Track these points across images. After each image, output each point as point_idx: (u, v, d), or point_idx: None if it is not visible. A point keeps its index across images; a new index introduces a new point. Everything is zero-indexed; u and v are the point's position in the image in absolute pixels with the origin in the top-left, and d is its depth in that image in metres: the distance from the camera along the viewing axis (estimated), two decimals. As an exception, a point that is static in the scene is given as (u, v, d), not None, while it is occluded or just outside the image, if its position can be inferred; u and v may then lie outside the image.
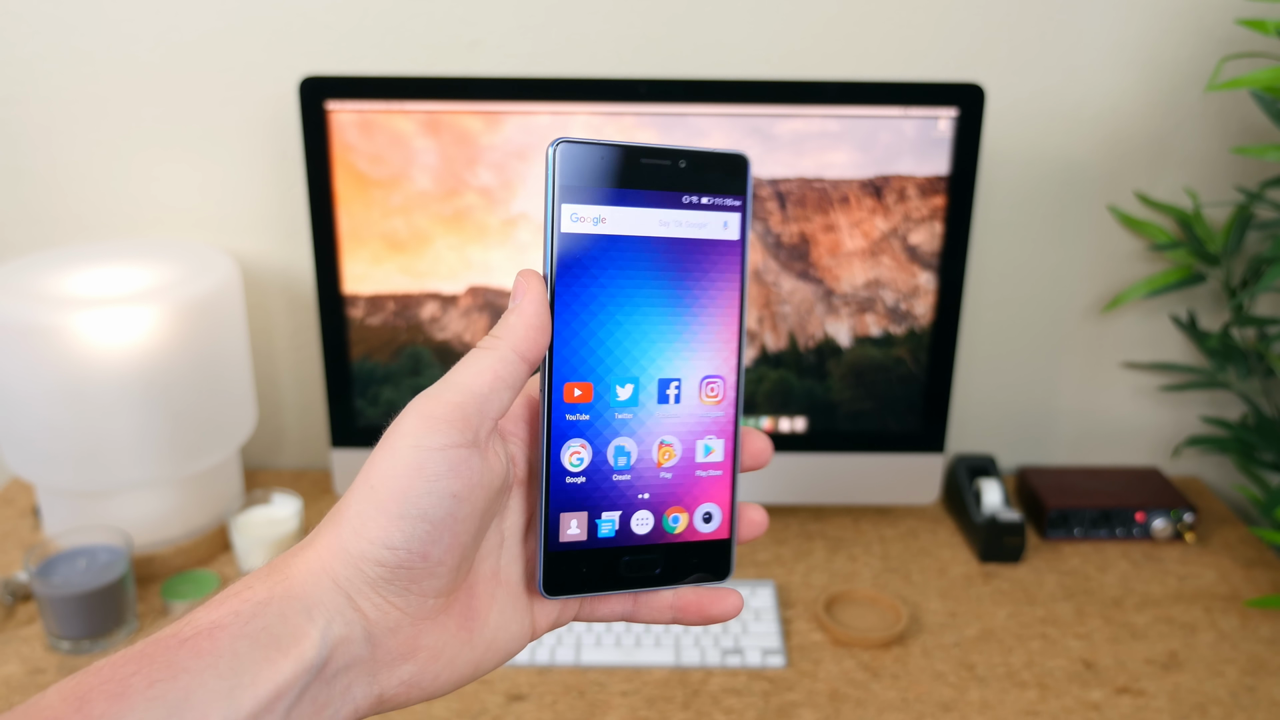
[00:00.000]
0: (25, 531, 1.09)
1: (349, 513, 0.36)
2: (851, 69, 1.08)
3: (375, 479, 0.36)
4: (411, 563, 0.36)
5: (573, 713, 0.85)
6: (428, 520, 0.35)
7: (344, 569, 0.36)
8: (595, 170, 0.39)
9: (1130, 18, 1.06)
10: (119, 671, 0.33)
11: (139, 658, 0.33)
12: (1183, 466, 1.25)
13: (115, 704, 0.32)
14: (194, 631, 0.34)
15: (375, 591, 0.36)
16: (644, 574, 0.42)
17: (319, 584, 0.36)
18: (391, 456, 0.36)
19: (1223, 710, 0.86)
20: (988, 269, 1.16)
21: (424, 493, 0.35)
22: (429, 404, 0.37)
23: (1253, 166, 1.12)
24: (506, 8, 1.05)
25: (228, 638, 0.34)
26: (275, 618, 0.35)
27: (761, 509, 0.45)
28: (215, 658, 0.33)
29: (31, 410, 0.95)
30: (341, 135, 0.93)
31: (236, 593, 0.36)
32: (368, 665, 0.36)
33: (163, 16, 1.05)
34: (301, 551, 0.37)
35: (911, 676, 0.90)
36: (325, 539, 0.37)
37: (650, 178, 0.40)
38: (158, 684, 0.32)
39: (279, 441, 1.24)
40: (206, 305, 0.99)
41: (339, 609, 0.36)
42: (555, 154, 0.39)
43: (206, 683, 0.33)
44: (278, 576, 0.36)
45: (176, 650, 0.33)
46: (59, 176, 1.12)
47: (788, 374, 1.01)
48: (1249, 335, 1.15)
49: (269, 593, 0.35)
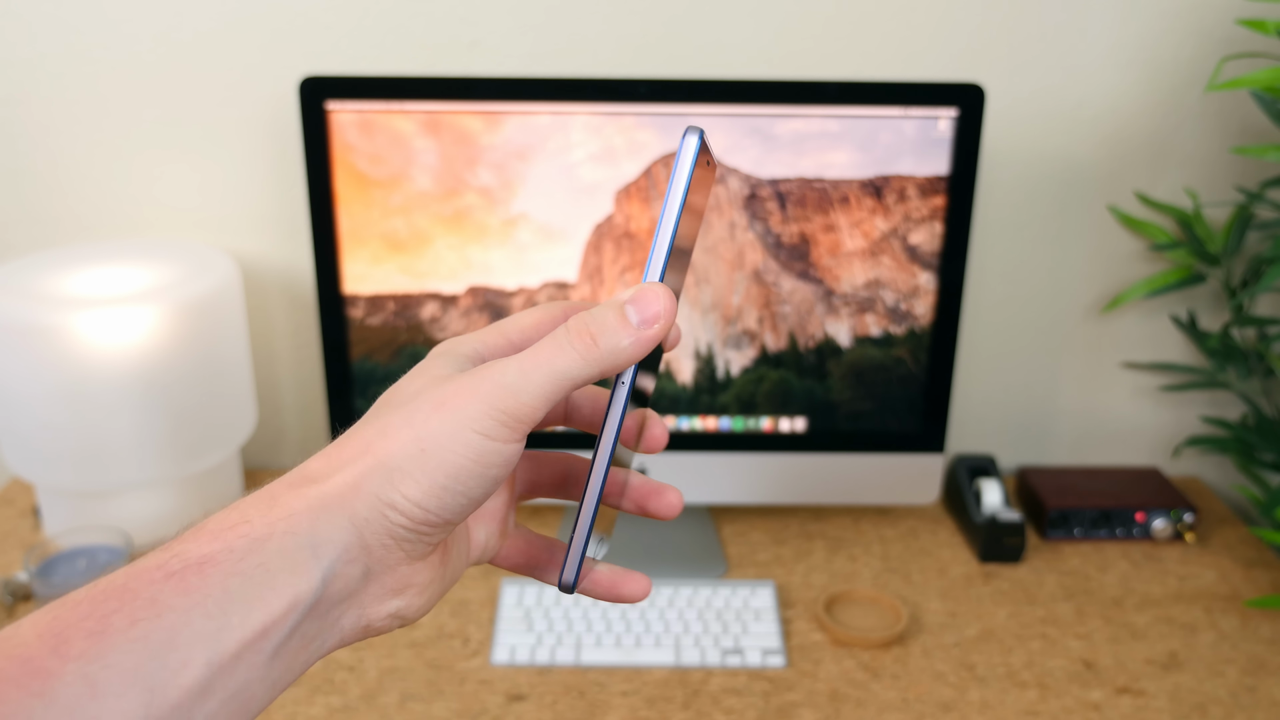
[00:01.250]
0: (25, 531, 1.09)
1: (390, 462, 0.36)
2: (851, 69, 1.08)
3: (429, 444, 0.36)
4: (435, 523, 0.36)
5: (573, 713, 0.85)
6: (468, 497, 0.36)
7: (367, 510, 0.35)
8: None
9: (1130, 18, 1.06)
10: (99, 607, 0.31)
11: (121, 592, 0.32)
12: (1183, 466, 1.25)
13: (94, 643, 0.30)
14: (182, 565, 0.32)
15: (389, 535, 0.36)
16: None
17: (333, 521, 0.35)
18: (453, 434, 0.36)
19: (1223, 710, 0.86)
20: (988, 269, 1.16)
21: (475, 476, 0.36)
22: (505, 398, 0.36)
23: (1253, 166, 1.12)
24: (506, 8, 1.05)
25: (219, 574, 0.32)
26: (274, 554, 0.33)
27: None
28: (204, 595, 0.32)
29: (31, 410, 0.95)
30: (341, 135, 0.93)
31: (231, 525, 0.34)
32: (359, 598, 0.37)
33: (163, 16, 1.05)
34: (307, 485, 0.36)
35: (911, 676, 0.90)
36: (350, 477, 0.36)
37: None
38: (140, 622, 0.31)
39: (279, 441, 1.24)
40: (206, 305, 0.99)
41: (347, 546, 0.35)
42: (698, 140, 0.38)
43: (193, 622, 0.31)
44: (280, 510, 0.35)
45: (161, 585, 0.32)
46: (59, 176, 1.12)
47: (788, 374, 1.01)
48: (1249, 335, 1.15)
49: (268, 528, 0.34)
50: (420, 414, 0.36)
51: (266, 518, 0.34)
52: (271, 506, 0.35)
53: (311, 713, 0.85)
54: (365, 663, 0.90)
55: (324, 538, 0.35)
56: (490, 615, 0.96)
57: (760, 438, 1.03)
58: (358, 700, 0.86)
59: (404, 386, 0.39)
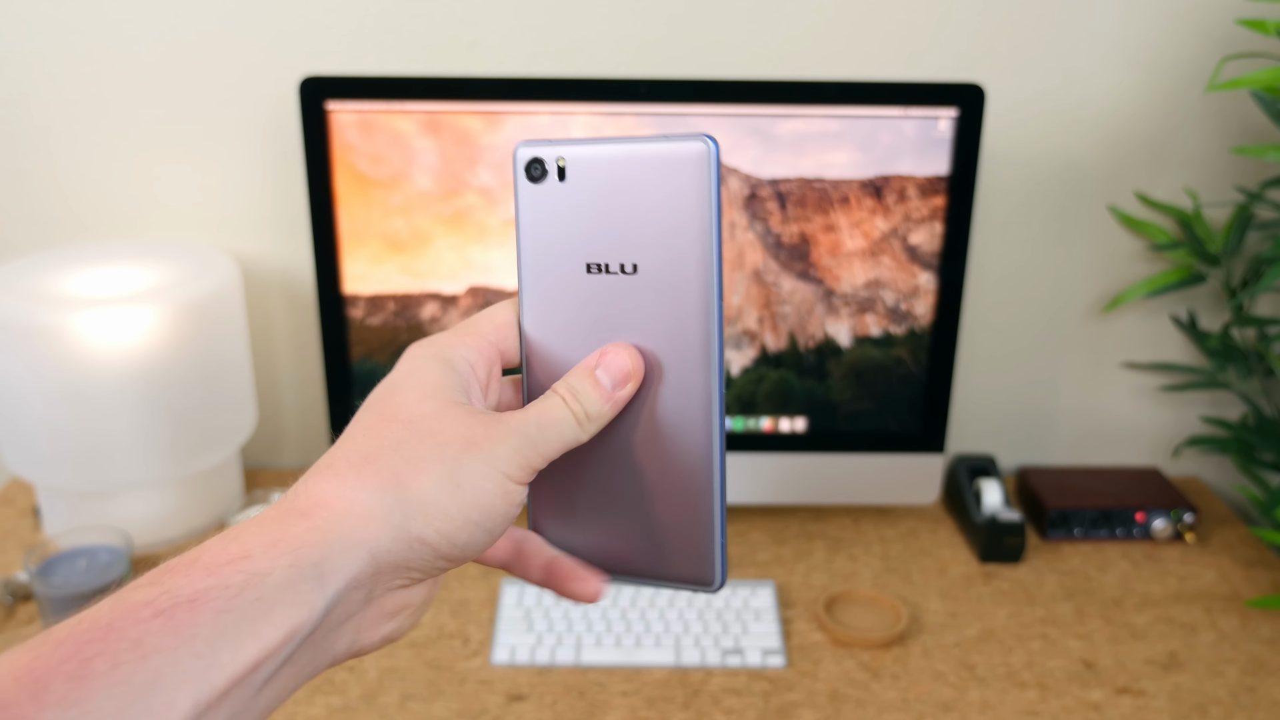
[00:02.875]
0: (25, 531, 1.09)
1: (424, 497, 0.36)
2: (852, 69, 1.08)
3: (464, 481, 0.36)
4: (458, 558, 0.37)
5: (573, 713, 0.85)
6: (491, 535, 0.38)
7: (392, 544, 0.35)
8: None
9: (1130, 18, 1.06)
10: (81, 649, 0.30)
11: (105, 632, 0.30)
12: (1183, 467, 1.25)
13: (74, 688, 0.29)
14: (171, 603, 0.31)
15: (407, 566, 0.36)
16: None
17: (348, 552, 0.34)
18: (485, 473, 0.37)
19: (1223, 710, 0.86)
20: (988, 269, 1.16)
21: (501, 515, 0.37)
22: (527, 449, 0.38)
23: (1253, 166, 1.12)
24: (506, 8, 1.05)
25: (211, 611, 0.31)
26: (273, 588, 0.32)
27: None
28: (194, 634, 0.31)
29: (31, 410, 0.95)
30: (342, 135, 0.93)
31: (229, 560, 0.33)
32: (356, 622, 0.37)
33: (163, 16, 1.05)
34: (317, 511, 0.35)
35: (911, 677, 0.90)
36: (375, 507, 0.35)
37: None
38: (123, 666, 0.29)
39: (279, 441, 1.24)
40: (206, 305, 0.99)
41: (357, 575, 0.34)
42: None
43: (180, 662, 0.30)
44: (285, 544, 0.34)
45: (148, 624, 0.30)
46: (59, 176, 1.12)
47: (788, 374, 1.01)
48: (1249, 335, 1.15)
49: (270, 564, 0.33)
50: (452, 450, 0.37)
51: (269, 551, 0.33)
52: (277, 538, 0.34)
53: (311, 713, 0.85)
54: (365, 663, 0.90)
55: (333, 568, 0.34)
56: (490, 615, 0.96)
57: (760, 438, 1.03)
58: (358, 700, 0.86)
59: (408, 399, 0.38)
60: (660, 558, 0.41)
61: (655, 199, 0.38)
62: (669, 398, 0.40)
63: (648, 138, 0.38)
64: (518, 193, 0.39)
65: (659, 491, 0.41)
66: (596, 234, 0.39)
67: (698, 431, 0.40)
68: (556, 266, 0.40)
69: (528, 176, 0.39)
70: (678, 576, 0.41)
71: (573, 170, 0.39)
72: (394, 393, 0.39)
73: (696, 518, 0.40)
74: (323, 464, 0.37)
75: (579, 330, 0.40)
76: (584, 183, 0.39)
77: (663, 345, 0.39)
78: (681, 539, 0.41)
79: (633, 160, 0.38)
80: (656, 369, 0.40)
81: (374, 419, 0.38)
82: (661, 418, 0.40)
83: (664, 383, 0.40)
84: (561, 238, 0.39)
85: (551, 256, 0.40)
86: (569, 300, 0.40)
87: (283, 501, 0.36)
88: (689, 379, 0.39)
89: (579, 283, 0.39)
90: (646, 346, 0.40)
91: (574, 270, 0.39)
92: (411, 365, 0.39)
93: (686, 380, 0.39)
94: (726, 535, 0.40)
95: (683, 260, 0.38)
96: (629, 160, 0.38)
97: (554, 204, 0.39)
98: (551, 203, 0.39)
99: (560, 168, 0.39)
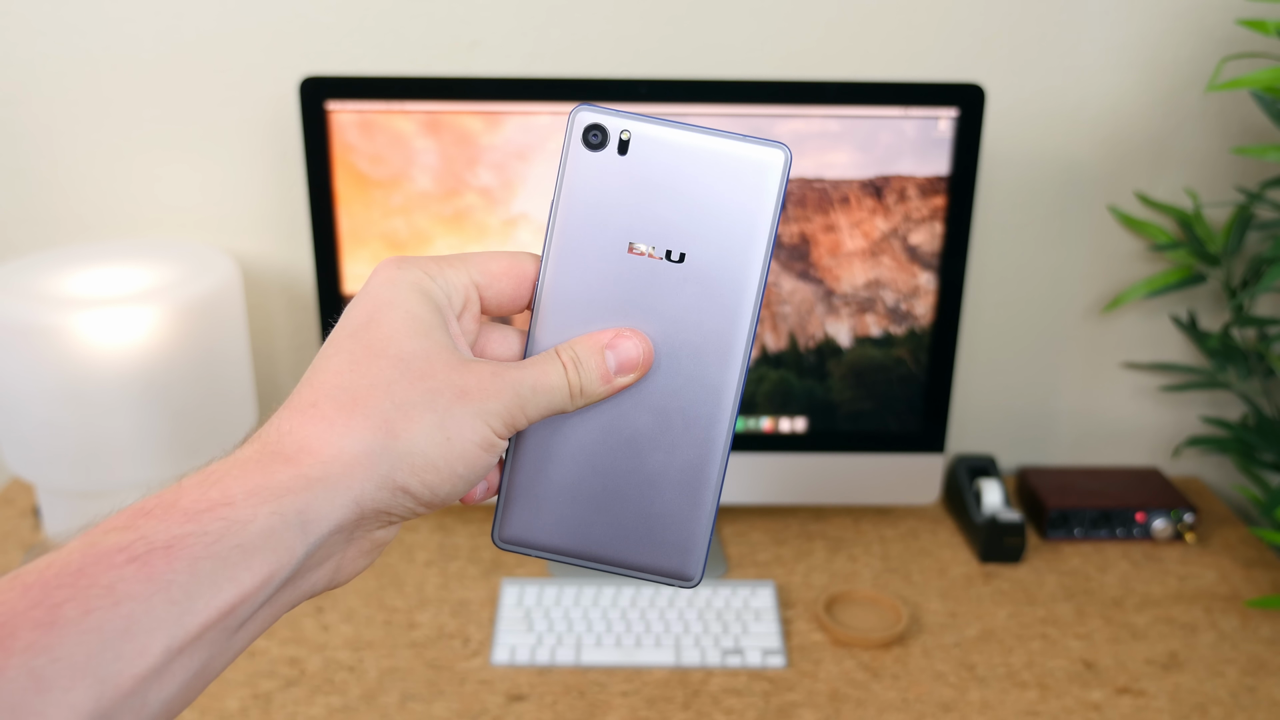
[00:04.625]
0: (25, 531, 1.09)
1: (413, 447, 0.35)
2: (852, 69, 1.08)
3: (454, 434, 0.36)
4: (438, 506, 0.37)
5: (573, 713, 0.85)
6: (470, 485, 0.38)
7: (377, 491, 0.35)
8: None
9: (1130, 18, 1.06)
10: (50, 595, 0.29)
11: (75, 577, 0.29)
12: (1183, 467, 1.25)
13: (42, 634, 0.28)
14: (147, 549, 0.30)
15: (389, 512, 0.36)
16: None
17: (333, 499, 0.34)
18: (474, 428, 0.37)
19: (1223, 710, 0.86)
20: (988, 269, 1.16)
21: (482, 467, 0.38)
22: (515, 408, 0.38)
23: (1253, 166, 1.12)
24: (506, 8, 1.05)
25: (188, 559, 0.30)
26: (255, 534, 0.32)
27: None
28: (169, 580, 0.30)
29: (31, 410, 0.95)
30: (342, 135, 0.93)
31: (209, 506, 0.32)
32: (336, 560, 0.37)
33: (163, 17, 1.05)
34: (302, 456, 0.34)
35: (912, 677, 0.90)
36: (362, 452, 0.34)
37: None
38: (95, 612, 0.29)
39: (279, 441, 1.23)
40: (206, 305, 0.99)
41: (340, 520, 0.34)
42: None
43: (154, 609, 0.29)
44: (268, 490, 0.33)
45: (121, 569, 0.30)
46: (59, 176, 1.12)
47: (788, 374, 1.01)
48: (1249, 335, 1.15)
49: (253, 511, 0.32)
50: (444, 399, 0.36)
51: (251, 499, 0.32)
52: (260, 484, 0.33)
53: (311, 713, 0.85)
54: (365, 663, 0.90)
55: (317, 515, 0.33)
56: (490, 615, 0.96)
57: (760, 438, 1.03)
58: (358, 700, 0.86)
59: (396, 333, 0.36)
60: (644, 548, 0.40)
61: (721, 195, 0.38)
62: (687, 391, 0.40)
63: (726, 133, 0.38)
64: (568, 155, 0.38)
65: (658, 481, 0.40)
66: (648, 215, 0.38)
67: (710, 428, 0.40)
68: (598, 237, 0.39)
69: (584, 142, 0.38)
70: (659, 569, 0.41)
71: (637, 146, 0.38)
72: (377, 322, 0.37)
73: (693, 513, 0.40)
74: (306, 400, 0.36)
75: (604, 304, 0.39)
76: (646, 161, 0.38)
77: (693, 338, 0.39)
78: (671, 531, 0.40)
79: (707, 152, 0.38)
80: (679, 359, 0.40)
81: (360, 351, 0.36)
82: (675, 409, 0.40)
83: (684, 376, 0.40)
84: (609, 211, 0.39)
85: (594, 226, 0.39)
86: (602, 273, 0.39)
87: (264, 439, 0.35)
88: (712, 377, 0.40)
89: (617, 258, 0.39)
90: (675, 336, 0.39)
91: (615, 245, 0.39)
92: (392, 293, 0.37)
93: (708, 378, 0.40)
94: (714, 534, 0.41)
95: (735, 260, 0.38)
96: (702, 151, 0.38)
97: (608, 175, 0.38)
98: (605, 173, 0.38)
99: (624, 140, 0.38)
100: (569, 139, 0.38)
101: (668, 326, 0.39)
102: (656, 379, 0.40)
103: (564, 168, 0.39)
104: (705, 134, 0.38)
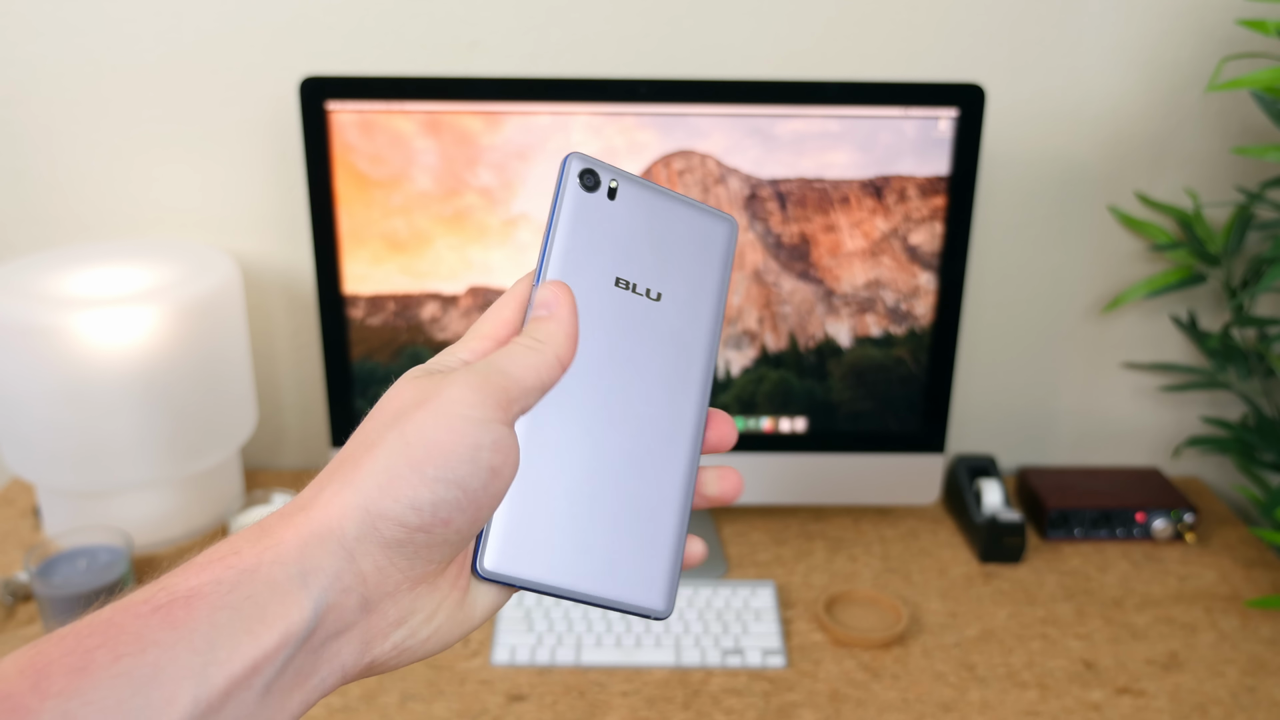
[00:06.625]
0: (25, 531, 1.09)
1: (374, 467, 0.35)
2: (852, 69, 1.08)
3: (412, 436, 0.35)
4: (433, 528, 0.35)
5: (573, 713, 0.85)
6: (462, 488, 0.35)
7: (356, 527, 0.34)
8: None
9: (1130, 18, 1.06)
10: (83, 642, 0.30)
11: (106, 626, 0.31)
12: (1183, 467, 1.25)
13: (76, 679, 0.29)
14: (169, 599, 0.31)
15: (384, 553, 0.35)
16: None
17: (321, 546, 0.34)
18: (434, 419, 0.35)
19: (1223, 710, 0.86)
20: (988, 269, 1.16)
21: (465, 459, 0.35)
22: (475, 379, 0.36)
23: (1253, 166, 1.12)
24: (506, 8, 1.05)
25: (206, 608, 0.31)
26: (263, 585, 0.33)
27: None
28: (191, 629, 0.31)
29: (31, 410, 0.95)
30: (342, 135, 0.93)
31: (220, 557, 0.33)
32: (361, 630, 0.35)
33: (163, 17, 1.05)
34: (297, 513, 0.35)
35: (912, 677, 0.90)
36: (335, 495, 0.35)
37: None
38: (124, 658, 0.30)
39: (279, 441, 1.24)
40: (206, 305, 0.99)
41: (338, 573, 0.34)
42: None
43: (178, 657, 0.30)
44: (268, 541, 0.34)
45: (148, 619, 0.31)
46: (59, 177, 1.12)
47: (788, 374, 1.01)
48: (1249, 335, 1.15)
49: (256, 559, 0.33)
50: (404, 416, 0.36)
51: (256, 548, 0.34)
52: (261, 537, 0.34)
53: (311, 713, 0.85)
54: (365, 663, 0.90)
55: (313, 565, 0.34)
56: (490, 615, 0.96)
57: (760, 438, 1.03)
58: (358, 700, 0.86)
59: (399, 400, 0.37)
60: (612, 582, 0.41)
61: (684, 249, 0.44)
62: (659, 422, 0.42)
63: (688, 200, 0.44)
64: (565, 194, 0.42)
65: (622, 516, 0.41)
66: (634, 254, 0.42)
67: (670, 463, 0.42)
68: (589, 269, 0.42)
69: (581, 184, 0.42)
70: (629, 601, 0.41)
71: (623, 194, 0.43)
72: (381, 402, 0.38)
73: (655, 548, 0.41)
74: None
75: (593, 328, 0.42)
76: (630, 209, 0.43)
77: (665, 370, 0.42)
78: (638, 566, 0.41)
79: (672, 212, 0.43)
80: (651, 392, 0.42)
81: (363, 423, 0.38)
82: (647, 440, 0.42)
83: (656, 406, 0.42)
84: (601, 247, 0.42)
85: (586, 259, 0.42)
86: (590, 303, 0.42)
87: (279, 509, 0.36)
88: (676, 413, 0.42)
89: (605, 291, 0.42)
90: (646, 368, 0.42)
91: (604, 278, 0.42)
92: (401, 379, 0.39)
93: (673, 414, 0.42)
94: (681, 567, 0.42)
95: (694, 308, 0.43)
96: (670, 210, 0.43)
97: (600, 217, 0.42)
98: (598, 214, 0.42)
99: (612, 188, 0.42)
100: (565, 180, 0.42)
101: (645, 358, 0.42)
102: (629, 412, 0.41)
103: (560, 204, 0.42)
104: (671, 196, 0.44)
